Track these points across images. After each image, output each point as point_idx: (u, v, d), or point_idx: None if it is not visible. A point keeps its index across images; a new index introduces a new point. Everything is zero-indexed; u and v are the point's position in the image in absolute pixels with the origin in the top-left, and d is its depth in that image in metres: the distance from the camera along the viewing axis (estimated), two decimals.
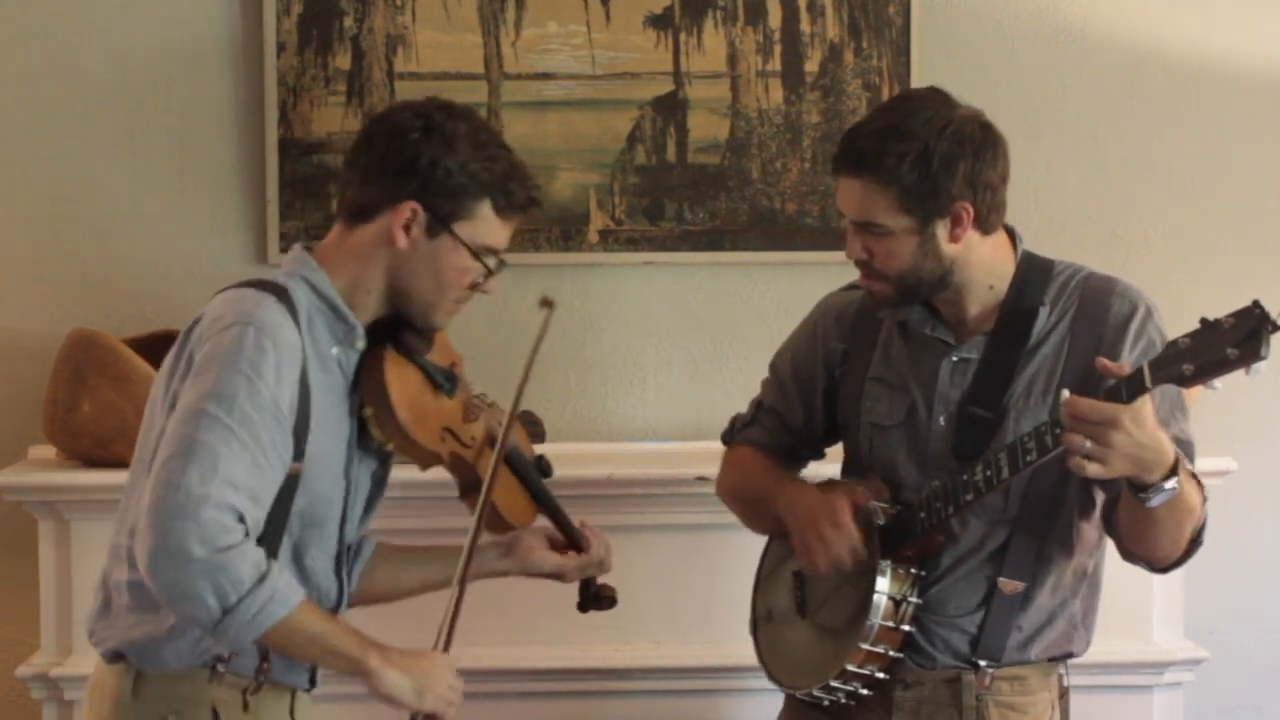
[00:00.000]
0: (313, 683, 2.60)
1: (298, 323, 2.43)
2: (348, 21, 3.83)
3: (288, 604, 2.34)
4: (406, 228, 2.47)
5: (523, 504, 2.72)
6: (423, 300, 2.52)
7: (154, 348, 3.48)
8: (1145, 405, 2.39)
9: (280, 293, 2.44)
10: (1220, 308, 3.80)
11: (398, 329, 2.54)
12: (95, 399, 3.46)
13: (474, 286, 2.54)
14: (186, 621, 2.39)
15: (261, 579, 2.30)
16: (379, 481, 2.64)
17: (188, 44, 3.82)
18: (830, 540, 2.70)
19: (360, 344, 2.51)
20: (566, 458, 3.63)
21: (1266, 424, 3.89)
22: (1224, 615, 3.93)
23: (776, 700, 2.93)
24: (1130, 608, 3.52)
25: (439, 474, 2.64)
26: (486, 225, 2.50)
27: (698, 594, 3.57)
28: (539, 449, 3.62)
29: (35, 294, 3.82)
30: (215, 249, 3.84)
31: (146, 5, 3.82)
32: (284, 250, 3.72)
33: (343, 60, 3.83)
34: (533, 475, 2.75)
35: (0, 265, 3.82)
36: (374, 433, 2.52)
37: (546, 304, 2.62)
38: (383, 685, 2.43)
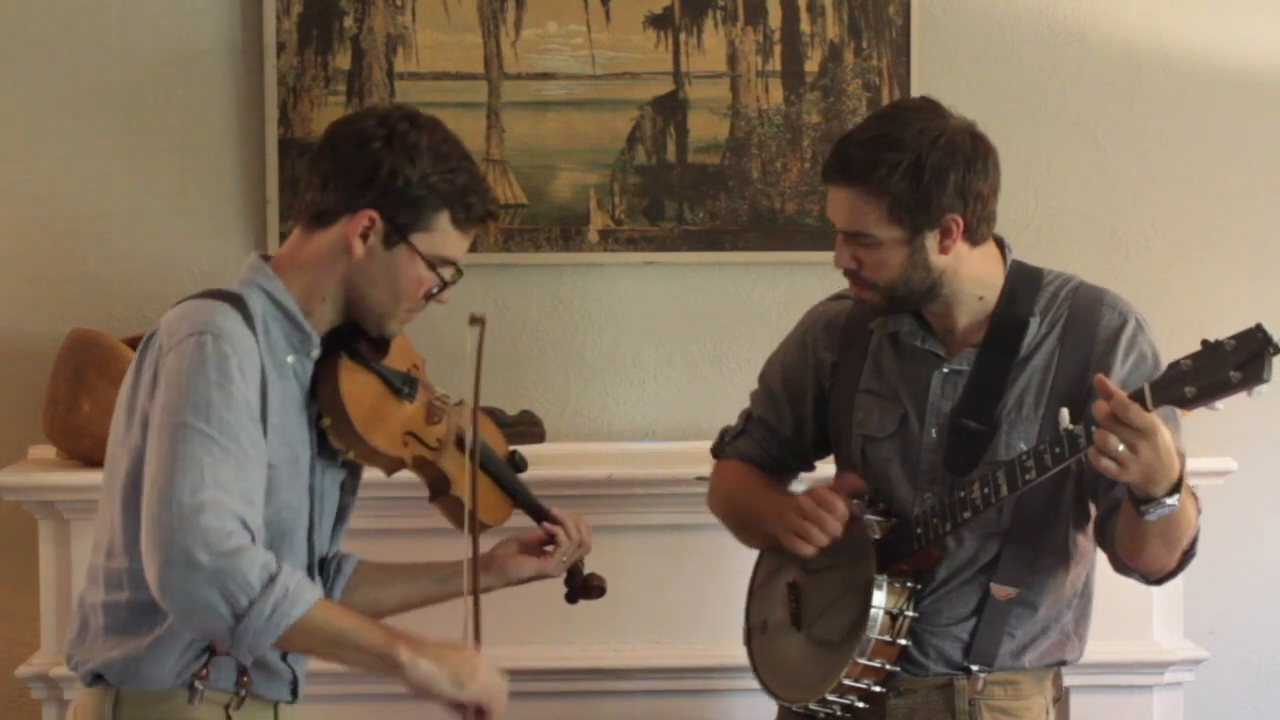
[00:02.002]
0: (295, 694, 2.58)
1: (254, 330, 2.42)
2: (348, 21, 3.83)
3: (302, 602, 2.31)
4: (364, 236, 2.46)
5: (496, 501, 2.70)
6: (377, 309, 2.51)
7: None
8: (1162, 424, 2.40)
9: (235, 300, 2.44)
10: (1220, 308, 3.86)
11: (353, 337, 2.54)
12: (95, 399, 3.47)
13: (429, 296, 2.53)
14: (204, 637, 2.37)
15: (271, 580, 2.29)
16: (350, 490, 2.63)
17: (188, 44, 3.82)
18: (821, 517, 2.69)
19: (315, 352, 2.51)
20: (566, 458, 3.66)
21: (1266, 424, 3.89)
22: (1224, 615, 3.93)
23: (772, 701, 2.92)
24: (1130, 608, 3.52)
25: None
26: (444, 237, 2.49)
27: (696, 594, 3.57)
28: (539, 449, 3.65)
29: (35, 294, 3.82)
30: (215, 249, 3.84)
31: (146, 5, 3.82)
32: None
33: (343, 60, 3.83)
34: (504, 471, 2.73)
35: (0, 265, 3.82)
36: (334, 442, 2.51)
37: (476, 321, 2.56)
38: (415, 676, 2.38)
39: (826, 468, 2.99)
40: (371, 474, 2.62)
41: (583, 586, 2.78)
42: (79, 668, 2.49)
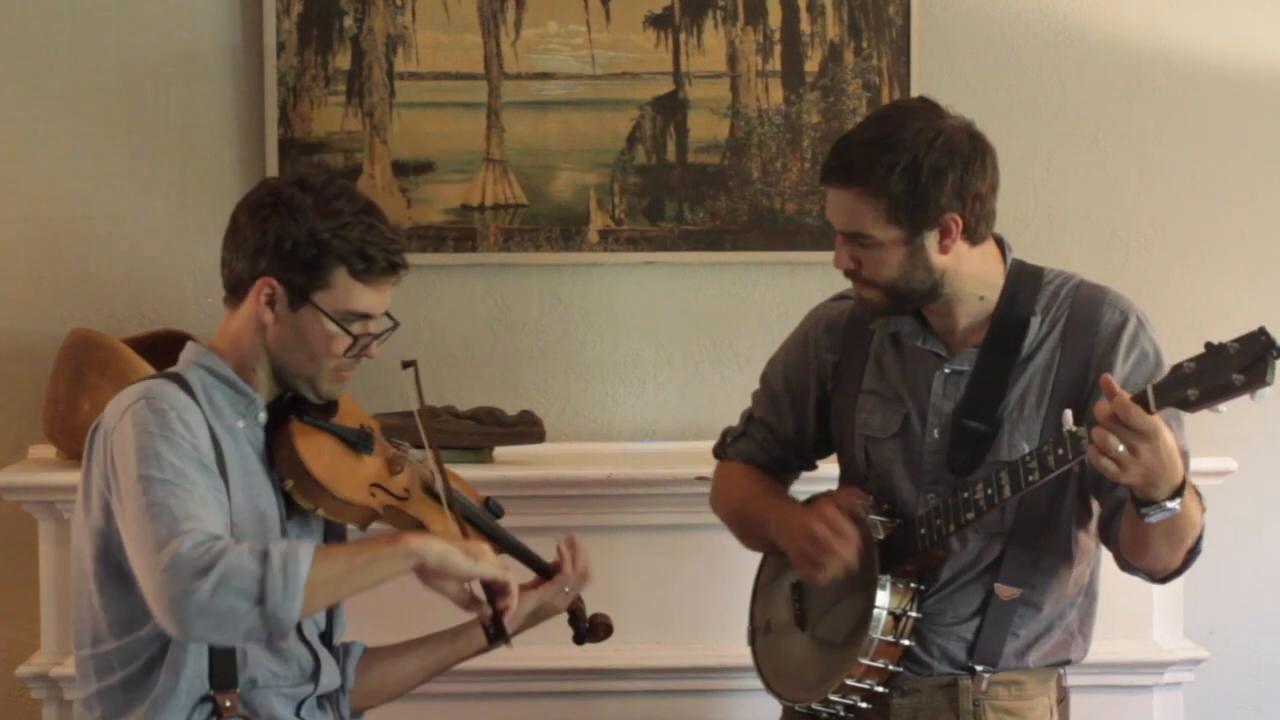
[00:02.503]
0: None
1: (195, 398, 2.49)
2: (348, 21, 3.83)
3: (303, 555, 2.33)
4: (270, 303, 2.52)
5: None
6: (302, 373, 2.56)
7: (154, 348, 3.48)
8: (1165, 427, 2.40)
9: (174, 378, 2.52)
10: (1220, 308, 3.86)
11: (300, 401, 2.58)
12: (95, 399, 3.46)
13: (354, 353, 2.56)
14: (244, 640, 2.42)
15: (265, 555, 2.32)
16: (339, 539, 2.66)
17: (188, 44, 3.82)
18: (835, 546, 2.69)
19: (262, 416, 2.56)
20: (566, 458, 3.65)
21: (1266, 424, 3.88)
22: (1224, 615, 3.93)
23: (774, 701, 2.92)
24: (1130, 608, 3.52)
25: None
26: (347, 291, 2.52)
27: (697, 594, 3.56)
28: (539, 449, 3.65)
29: (35, 294, 3.82)
30: (215, 249, 3.77)
31: (146, 5, 3.82)
32: None
33: (343, 60, 3.83)
34: (485, 519, 2.74)
35: (0, 265, 3.82)
36: (301, 502, 2.54)
37: (408, 365, 2.60)
38: (431, 558, 2.39)
39: (829, 467, 2.99)
40: None
41: (590, 629, 2.79)
42: None
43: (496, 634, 2.52)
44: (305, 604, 2.33)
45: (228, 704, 2.49)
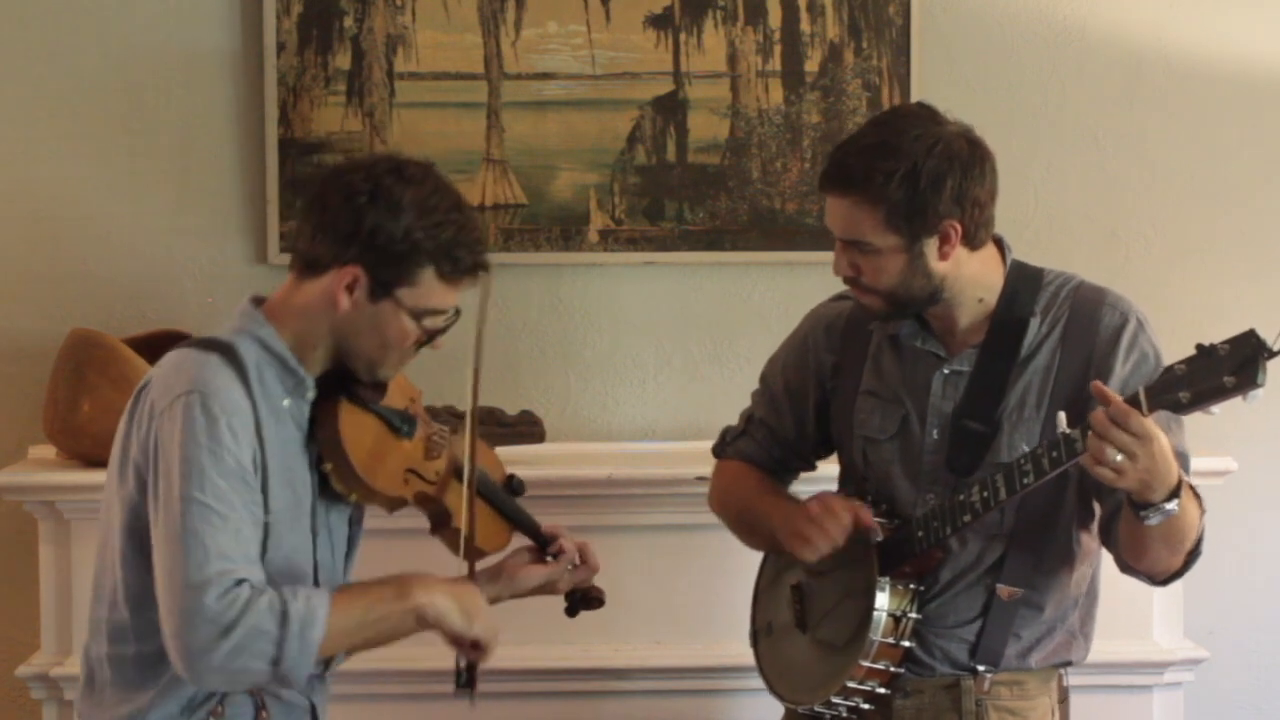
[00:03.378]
0: None
1: (246, 381, 2.45)
2: (348, 21, 3.83)
3: (319, 619, 2.35)
4: (350, 290, 2.48)
5: (496, 528, 2.71)
6: (367, 358, 2.53)
7: (154, 348, 3.47)
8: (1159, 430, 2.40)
9: (227, 351, 2.46)
10: (1220, 308, 3.86)
11: (351, 379, 2.56)
12: (95, 399, 3.46)
13: (423, 343, 2.55)
14: (253, 690, 2.44)
15: (284, 616, 2.33)
16: (357, 521, 2.66)
17: (188, 44, 3.82)
18: (826, 524, 2.69)
19: (310, 394, 2.53)
20: (566, 458, 3.65)
21: (1266, 424, 3.88)
22: (1224, 615, 3.93)
23: (775, 701, 2.92)
24: (1130, 608, 3.52)
25: None
26: (429, 291, 2.50)
27: (697, 594, 3.57)
28: (539, 449, 3.65)
29: (35, 294, 3.82)
30: (215, 249, 3.84)
31: (146, 5, 3.82)
32: (284, 250, 3.72)
33: (343, 60, 3.83)
34: (502, 498, 2.74)
35: (0, 265, 3.82)
36: (336, 486, 2.53)
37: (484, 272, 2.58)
38: (433, 614, 2.44)
39: (828, 467, 2.99)
40: None
41: (582, 599, 2.79)
42: None
43: (467, 683, 2.54)
44: (323, 653, 2.38)
45: None
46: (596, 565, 2.76)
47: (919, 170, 2.59)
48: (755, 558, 3.00)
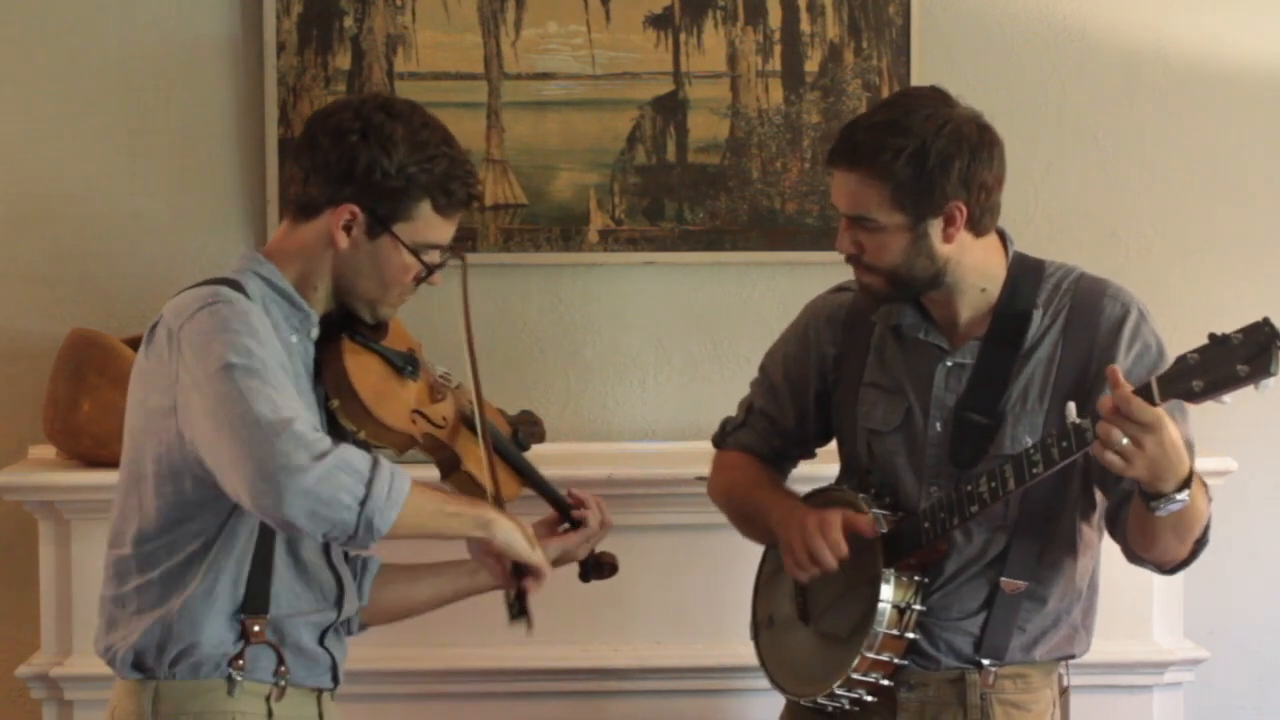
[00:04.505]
0: (335, 680, 2.59)
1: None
2: (348, 21, 3.83)
3: (407, 479, 2.35)
4: (347, 229, 2.49)
5: (507, 477, 2.71)
6: (367, 296, 2.54)
7: None
8: (1169, 419, 2.40)
9: (233, 285, 2.47)
10: (1220, 308, 3.86)
11: (352, 319, 2.57)
12: (95, 399, 3.47)
13: (419, 280, 2.56)
14: (330, 532, 2.33)
15: (376, 463, 2.33)
16: None
17: (188, 44, 3.82)
18: (813, 543, 2.69)
19: (315, 331, 2.54)
20: (566, 458, 3.65)
21: (1266, 424, 3.89)
22: (1224, 615, 3.93)
23: (777, 700, 2.92)
24: (1130, 608, 3.52)
25: None
26: (427, 224, 2.52)
27: (698, 594, 3.57)
28: (539, 449, 3.65)
29: (35, 294, 3.82)
30: (215, 249, 3.84)
31: (146, 5, 3.82)
32: None
33: (343, 60, 3.83)
34: (510, 450, 2.75)
35: (0, 265, 3.82)
36: (344, 423, 2.53)
37: (458, 260, 2.63)
38: (501, 535, 2.47)
39: (828, 468, 2.98)
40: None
41: (595, 565, 2.79)
42: (114, 656, 2.50)
43: (520, 612, 2.58)
44: (396, 523, 2.33)
45: (256, 629, 2.47)
46: (609, 521, 2.76)
47: (927, 149, 2.60)
48: (756, 558, 3.00)
